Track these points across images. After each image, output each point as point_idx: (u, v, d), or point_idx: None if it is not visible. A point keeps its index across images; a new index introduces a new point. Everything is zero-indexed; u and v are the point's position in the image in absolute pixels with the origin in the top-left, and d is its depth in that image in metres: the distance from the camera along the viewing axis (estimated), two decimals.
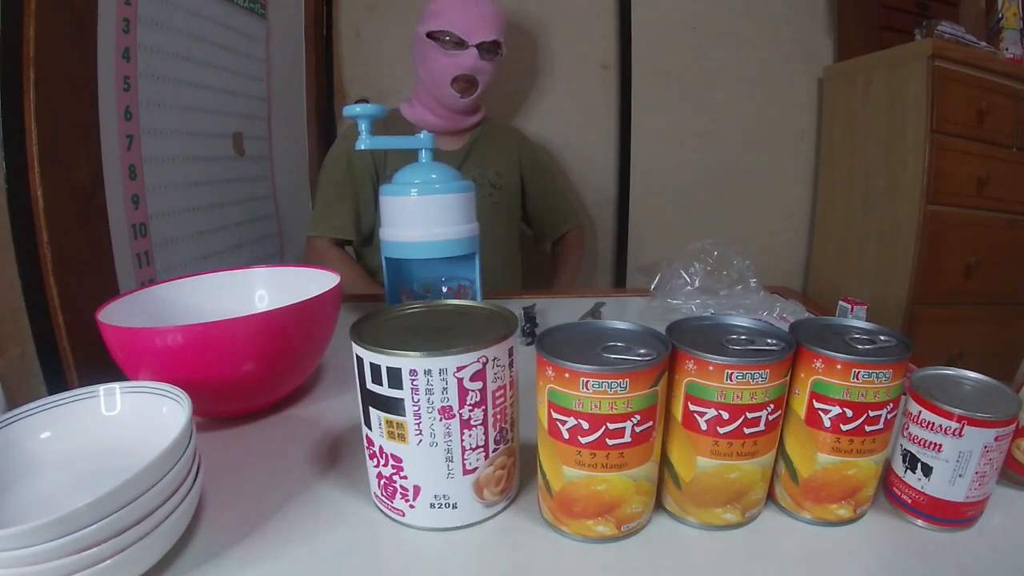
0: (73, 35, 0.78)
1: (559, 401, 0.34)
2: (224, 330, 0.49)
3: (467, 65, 1.14)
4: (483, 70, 1.17)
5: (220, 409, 0.55)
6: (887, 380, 0.35)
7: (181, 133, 1.04)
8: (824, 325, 0.41)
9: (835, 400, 0.36)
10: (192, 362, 0.48)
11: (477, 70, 1.16)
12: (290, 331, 0.54)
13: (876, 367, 0.35)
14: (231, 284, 0.70)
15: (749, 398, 0.34)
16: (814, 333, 0.39)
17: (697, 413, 0.36)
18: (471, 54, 1.14)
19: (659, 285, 0.87)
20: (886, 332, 0.39)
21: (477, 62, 1.15)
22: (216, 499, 0.43)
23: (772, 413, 0.36)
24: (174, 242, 1.01)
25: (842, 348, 0.36)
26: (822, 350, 0.36)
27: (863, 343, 0.37)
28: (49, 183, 0.74)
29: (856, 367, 0.35)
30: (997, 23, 1.49)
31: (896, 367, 0.35)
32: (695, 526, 0.39)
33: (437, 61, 1.16)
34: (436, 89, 1.18)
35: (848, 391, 0.35)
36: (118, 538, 0.30)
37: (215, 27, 1.13)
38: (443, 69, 1.15)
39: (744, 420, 0.35)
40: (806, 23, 1.65)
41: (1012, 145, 1.43)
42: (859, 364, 0.35)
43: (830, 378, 0.36)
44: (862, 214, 1.54)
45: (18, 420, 0.40)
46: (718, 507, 0.38)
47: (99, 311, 0.53)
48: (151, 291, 0.63)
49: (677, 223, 1.73)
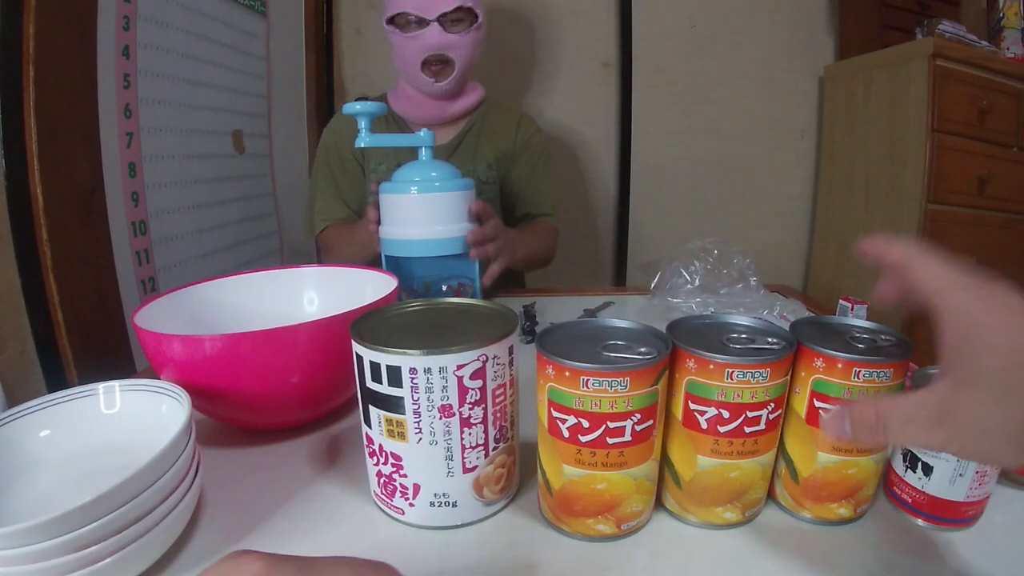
0: (73, 32, 0.78)
1: (559, 400, 0.34)
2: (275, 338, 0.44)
3: (432, 43, 1.01)
4: (454, 45, 1.02)
5: (259, 422, 0.51)
6: (888, 379, 0.35)
7: (181, 131, 1.04)
8: (825, 324, 0.41)
9: (837, 399, 0.36)
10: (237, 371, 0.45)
11: (446, 46, 1.02)
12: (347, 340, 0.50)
13: (877, 366, 0.35)
14: (276, 284, 0.65)
15: (750, 397, 0.34)
16: (815, 332, 0.39)
17: (698, 412, 0.36)
18: (434, 30, 1.00)
19: (659, 284, 0.87)
20: (887, 331, 0.39)
21: (443, 36, 1.01)
22: (216, 497, 0.43)
23: (772, 412, 0.36)
24: (174, 239, 1.01)
25: (843, 347, 0.36)
26: (823, 349, 0.36)
27: (864, 342, 0.37)
28: (49, 181, 0.74)
29: (857, 366, 0.35)
30: (998, 22, 1.49)
31: (897, 366, 0.35)
32: (695, 525, 0.39)
33: (402, 47, 1.04)
34: (411, 78, 1.07)
35: (849, 390, 0.35)
36: (117, 536, 0.30)
37: (215, 24, 1.13)
38: (410, 54, 1.03)
39: (745, 419, 0.35)
40: (807, 22, 1.64)
41: (1013, 144, 1.42)
42: (860, 363, 0.35)
43: (831, 377, 0.36)
44: (863, 213, 1.53)
45: (18, 418, 0.40)
46: (718, 506, 0.37)
47: (136, 313, 0.50)
48: (191, 290, 0.59)
49: (677, 222, 1.73)
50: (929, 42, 1.31)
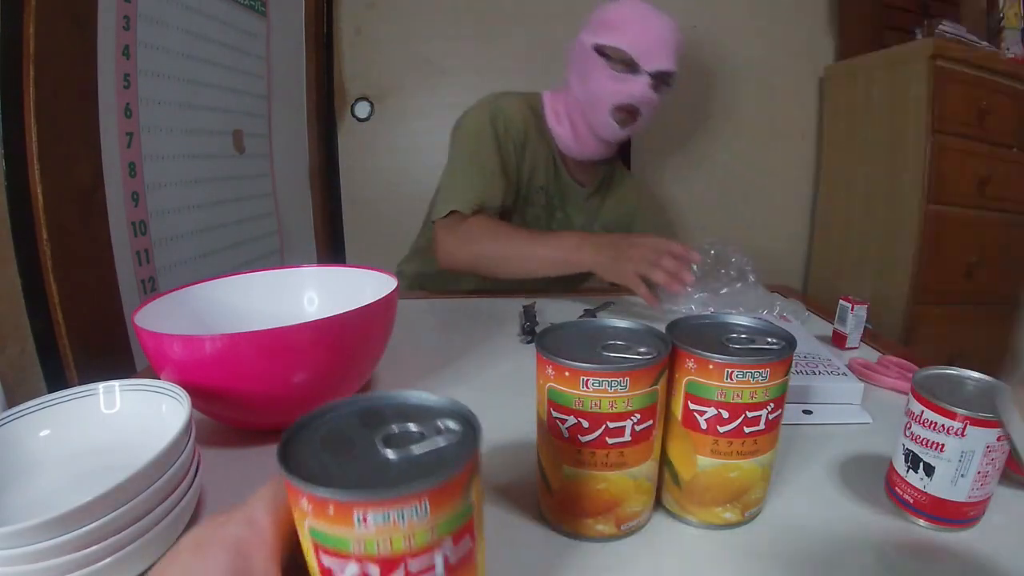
0: (73, 32, 0.78)
1: (559, 400, 0.34)
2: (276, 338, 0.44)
3: (637, 95, 0.96)
4: (650, 102, 0.98)
5: (259, 422, 0.51)
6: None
7: (181, 131, 1.04)
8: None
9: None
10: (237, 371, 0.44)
11: (644, 101, 0.97)
12: (347, 339, 0.49)
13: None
14: (276, 284, 0.65)
15: (749, 397, 0.34)
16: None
17: (697, 412, 0.35)
18: (643, 82, 0.95)
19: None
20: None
21: (648, 92, 0.96)
22: (216, 497, 0.43)
23: (772, 412, 0.36)
24: (174, 239, 1.01)
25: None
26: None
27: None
28: (49, 181, 0.74)
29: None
30: (998, 23, 1.49)
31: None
32: (695, 525, 0.38)
33: (601, 83, 0.97)
34: (592, 113, 1.00)
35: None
36: (117, 536, 0.30)
37: (215, 24, 1.13)
38: (607, 94, 0.97)
39: (744, 419, 0.35)
40: (807, 22, 1.64)
41: (1013, 145, 1.42)
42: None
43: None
44: (863, 213, 1.53)
45: (17, 418, 0.40)
46: (718, 506, 0.37)
47: (136, 313, 0.49)
48: (192, 290, 0.59)
49: (677, 222, 1.73)
50: (929, 42, 1.31)
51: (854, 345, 0.70)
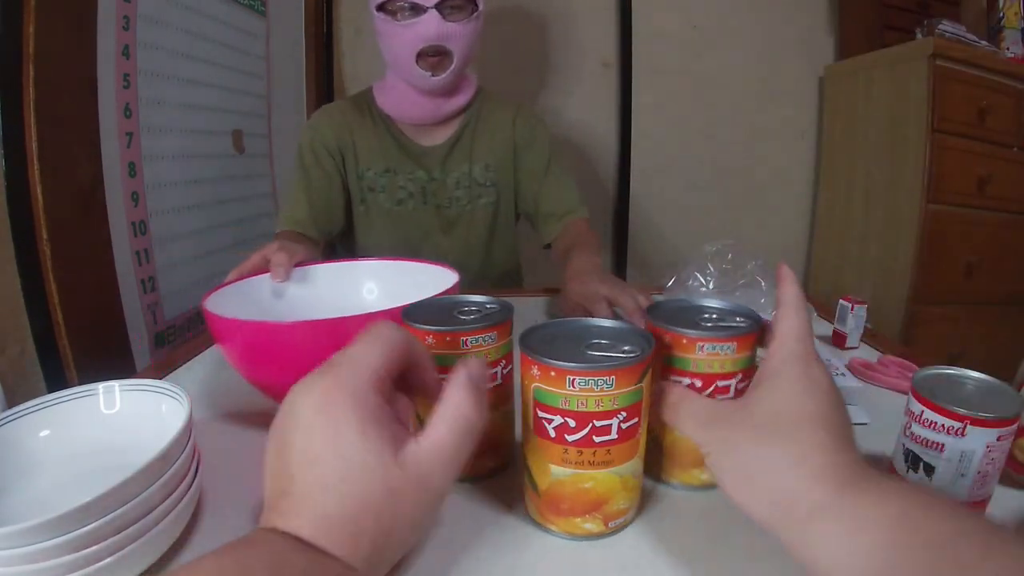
0: (73, 32, 0.78)
1: (545, 400, 0.34)
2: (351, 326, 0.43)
3: (429, 33, 0.90)
4: (453, 35, 0.92)
5: None
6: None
7: (181, 131, 1.04)
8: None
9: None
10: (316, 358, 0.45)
11: (444, 36, 0.91)
12: None
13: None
14: (335, 276, 0.69)
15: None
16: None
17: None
18: (432, 17, 0.89)
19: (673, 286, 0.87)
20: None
21: (442, 25, 0.90)
22: (216, 497, 0.43)
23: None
24: (174, 239, 1.01)
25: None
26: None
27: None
28: (48, 181, 0.74)
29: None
30: (998, 22, 1.49)
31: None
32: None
33: (394, 36, 0.93)
34: (403, 71, 0.96)
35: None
36: (117, 536, 0.30)
37: (215, 24, 1.13)
38: (403, 44, 0.92)
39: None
40: (807, 21, 1.65)
41: (1013, 144, 1.43)
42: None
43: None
44: (863, 213, 1.53)
45: (17, 418, 0.40)
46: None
47: (205, 299, 0.52)
48: (252, 282, 0.64)
49: (677, 222, 1.73)
50: (929, 42, 1.32)
51: (854, 345, 0.71)
